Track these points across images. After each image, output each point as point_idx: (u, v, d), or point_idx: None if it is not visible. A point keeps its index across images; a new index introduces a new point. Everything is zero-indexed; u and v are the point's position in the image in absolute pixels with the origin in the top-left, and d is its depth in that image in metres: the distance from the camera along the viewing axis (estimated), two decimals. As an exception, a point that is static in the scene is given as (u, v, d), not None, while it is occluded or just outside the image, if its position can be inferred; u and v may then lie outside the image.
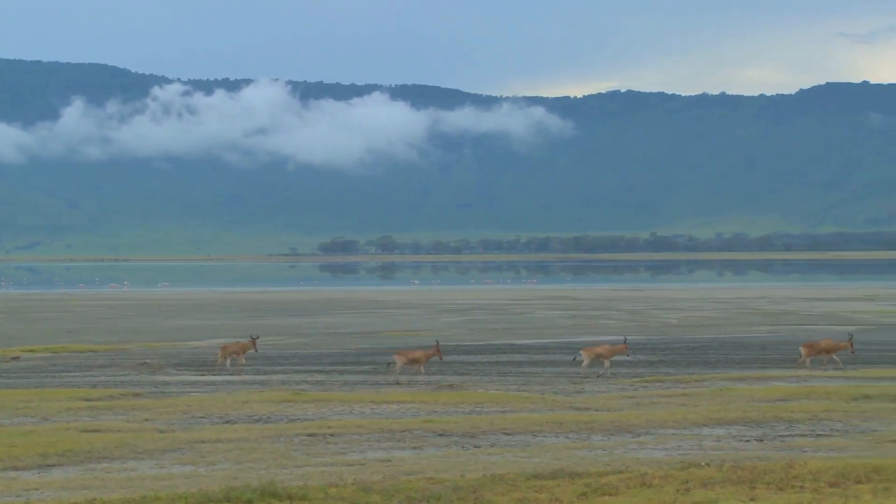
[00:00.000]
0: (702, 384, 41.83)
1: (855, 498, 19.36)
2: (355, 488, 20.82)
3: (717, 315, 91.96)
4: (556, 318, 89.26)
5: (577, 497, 19.95)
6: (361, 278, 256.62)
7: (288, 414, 34.27)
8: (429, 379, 45.16)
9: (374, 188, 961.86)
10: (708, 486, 20.46)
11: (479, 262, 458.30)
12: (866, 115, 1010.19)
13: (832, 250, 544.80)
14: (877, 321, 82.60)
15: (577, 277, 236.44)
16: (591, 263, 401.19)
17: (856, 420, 31.80)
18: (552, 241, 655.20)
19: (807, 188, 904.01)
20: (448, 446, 27.86)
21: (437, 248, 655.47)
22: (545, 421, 31.56)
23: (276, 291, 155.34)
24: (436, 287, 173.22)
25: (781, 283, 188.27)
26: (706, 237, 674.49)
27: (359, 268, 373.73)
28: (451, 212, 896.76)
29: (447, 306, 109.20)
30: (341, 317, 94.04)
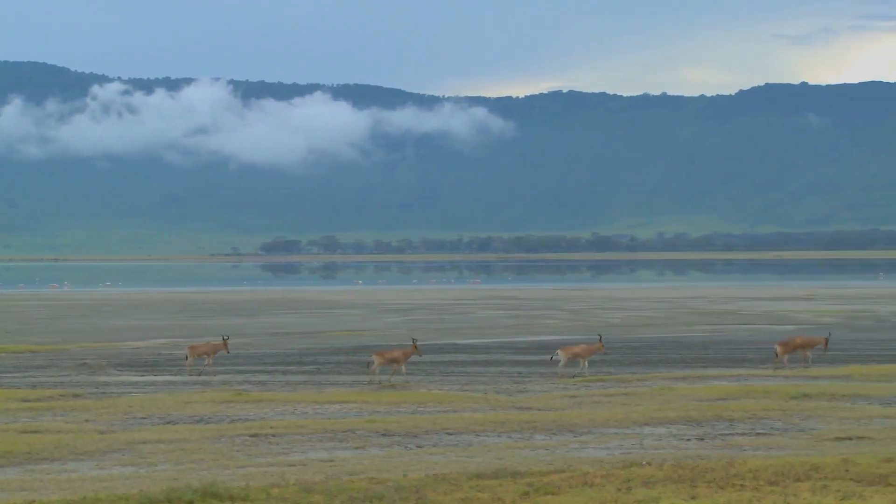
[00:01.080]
0: (643, 383, 42.04)
1: (794, 496, 19.51)
2: (297, 489, 20.76)
3: (658, 315, 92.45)
4: (499, 318, 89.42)
5: (519, 496, 19.99)
6: (304, 278, 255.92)
7: (230, 414, 34.14)
8: (371, 379, 45.14)
9: (316, 188, 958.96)
10: (649, 485, 20.56)
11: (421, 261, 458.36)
12: (805, 117, 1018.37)
13: (772, 250, 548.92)
14: (815, 321, 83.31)
15: (520, 277, 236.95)
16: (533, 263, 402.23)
17: (795, 419, 32.07)
18: (494, 241, 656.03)
19: (746, 188, 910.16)
20: (390, 446, 27.86)
21: (379, 248, 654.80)
22: (487, 420, 31.62)
23: (218, 291, 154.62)
24: (378, 287, 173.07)
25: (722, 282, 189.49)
26: (647, 237, 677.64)
27: (301, 268, 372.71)
28: (394, 212, 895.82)
29: (389, 306, 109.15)
30: (283, 317, 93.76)
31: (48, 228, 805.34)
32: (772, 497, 19.45)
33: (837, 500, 19.22)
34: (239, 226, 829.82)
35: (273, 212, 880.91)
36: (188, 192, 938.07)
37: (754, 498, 19.42)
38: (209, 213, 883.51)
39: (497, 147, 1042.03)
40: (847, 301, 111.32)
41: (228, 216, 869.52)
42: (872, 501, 19.05)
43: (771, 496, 19.51)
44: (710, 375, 44.75)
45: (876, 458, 23.09)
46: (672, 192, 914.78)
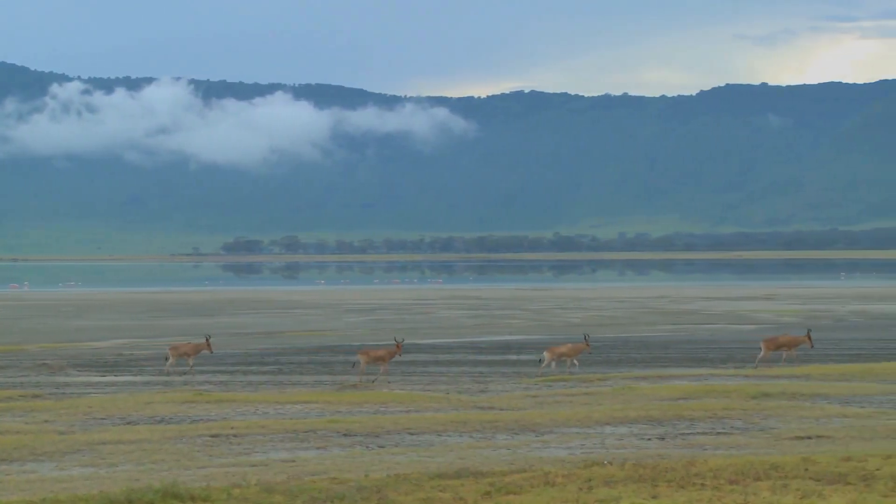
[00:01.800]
0: (604, 383, 42.14)
1: (754, 495, 19.59)
2: (259, 489, 20.70)
3: (619, 314, 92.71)
4: (461, 318, 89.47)
5: (481, 496, 20.00)
6: (265, 278, 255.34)
7: (191, 415, 34.03)
8: (333, 379, 45.08)
9: (277, 188, 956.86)
10: (610, 485, 20.60)
11: (383, 261, 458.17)
12: (765, 117, 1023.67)
13: (732, 250, 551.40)
14: (776, 320, 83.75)
15: (481, 277, 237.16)
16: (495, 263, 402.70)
17: (755, 418, 32.21)
18: (456, 241, 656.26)
19: (707, 189, 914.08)
20: (352, 446, 27.82)
21: (341, 248, 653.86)
22: (449, 420, 31.62)
23: (179, 291, 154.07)
24: (340, 287, 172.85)
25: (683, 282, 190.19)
26: (609, 237, 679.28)
27: (263, 268, 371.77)
28: (356, 212, 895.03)
29: (351, 306, 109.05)
30: (245, 317, 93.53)
31: (7, 228, 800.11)
32: (732, 496, 19.52)
33: (797, 498, 19.31)
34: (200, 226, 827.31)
35: (234, 212, 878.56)
36: (149, 191, 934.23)
37: (715, 497, 19.49)
38: (170, 212, 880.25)
39: (459, 147, 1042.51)
40: (807, 301, 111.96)
41: (189, 216, 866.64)
42: (832, 500, 19.16)
43: (731, 495, 19.58)
44: (671, 375, 44.91)
45: (835, 457, 23.22)
46: (633, 193, 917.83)
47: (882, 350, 55.92)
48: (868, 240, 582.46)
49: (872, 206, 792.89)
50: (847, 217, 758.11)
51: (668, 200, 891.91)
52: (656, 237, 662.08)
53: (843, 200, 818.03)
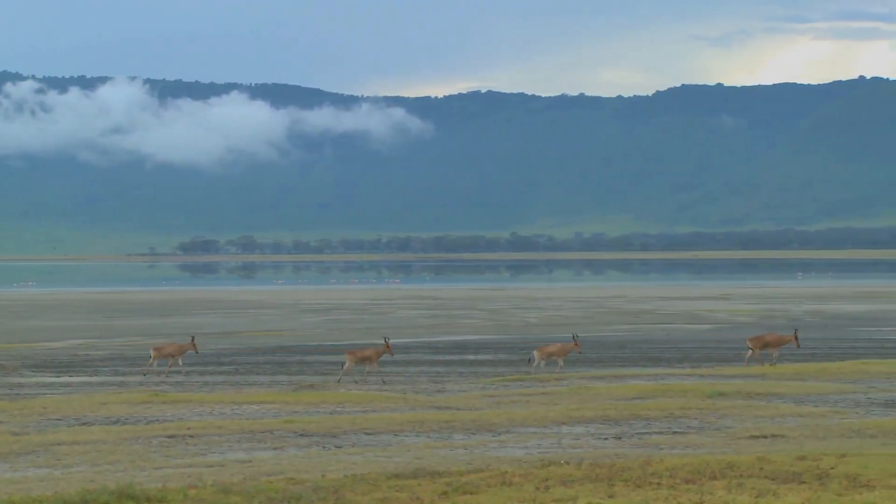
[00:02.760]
0: (561, 383, 42.23)
1: (710, 494, 19.68)
2: (215, 490, 20.63)
3: (576, 314, 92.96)
4: (418, 318, 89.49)
5: (438, 496, 20.01)
6: (222, 278, 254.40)
7: (146, 415, 33.88)
8: (290, 379, 44.98)
9: (234, 187, 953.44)
10: (567, 484, 20.65)
11: (340, 261, 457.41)
12: (720, 118, 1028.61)
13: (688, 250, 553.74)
14: (731, 320, 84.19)
15: (439, 277, 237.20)
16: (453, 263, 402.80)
17: (711, 417, 32.37)
18: (413, 241, 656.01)
19: (663, 189, 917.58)
20: (309, 446, 27.77)
21: (298, 248, 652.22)
22: (406, 420, 31.61)
23: (135, 291, 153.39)
24: (297, 287, 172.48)
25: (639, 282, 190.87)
26: (565, 237, 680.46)
27: (219, 267, 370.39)
28: (312, 211, 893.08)
29: (309, 306, 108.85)
30: (201, 317, 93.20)
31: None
32: (688, 495, 19.61)
33: (752, 497, 19.42)
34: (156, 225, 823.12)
35: (190, 211, 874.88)
36: (104, 191, 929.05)
37: (671, 496, 19.57)
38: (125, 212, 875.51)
39: (416, 147, 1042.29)
40: (762, 301, 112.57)
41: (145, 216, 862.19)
42: (786, 499, 19.27)
43: (687, 494, 19.67)
44: (627, 375, 45.06)
45: (790, 456, 23.36)
46: (589, 193, 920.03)
47: (836, 349, 56.32)
48: (822, 240, 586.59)
49: (827, 206, 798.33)
50: (802, 217, 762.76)
51: (625, 200, 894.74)
52: (612, 237, 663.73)
53: (798, 200, 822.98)
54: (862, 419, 31.74)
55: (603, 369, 47.68)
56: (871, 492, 19.71)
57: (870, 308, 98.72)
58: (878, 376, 43.10)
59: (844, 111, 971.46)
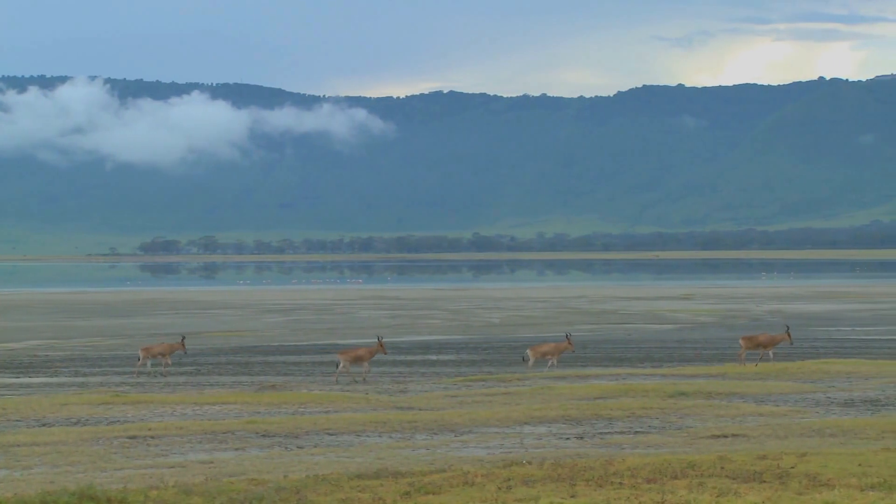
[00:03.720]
0: (523, 383, 42.28)
1: (671, 493, 19.74)
2: (176, 491, 20.55)
3: (538, 314, 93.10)
4: (380, 318, 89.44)
5: (400, 496, 19.99)
6: (183, 278, 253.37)
7: (107, 416, 33.71)
8: (252, 380, 44.87)
9: (195, 187, 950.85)
10: (529, 484, 20.67)
11: (302, 262, 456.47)
12: (681, 118, 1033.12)
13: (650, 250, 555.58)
14: (693, 320, 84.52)
15: (401, 277, 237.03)
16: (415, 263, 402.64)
17: (672, 417, 32.47)
18: (376, 241, 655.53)
19: (625, 189, 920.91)
20: (271, 447, 27.70)
21: (259, 248, 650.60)
22: (368, 421, 31.58)
23: (96, 292, 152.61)
24: (259, 287, 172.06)
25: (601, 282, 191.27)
26: (528, 237, 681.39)
27: (180, 268, 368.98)
28: (274, 211, 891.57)
29: (270, 306, 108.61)
30: (162, 317, 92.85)
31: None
32: (649, 494, 19.66)
33: (713, 496, 19.48)
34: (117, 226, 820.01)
35: (152, 211, 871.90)
36: (64, 191, 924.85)
37: (632, 495, 19.61)
38: (86, 212, 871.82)
39: (378, 147, 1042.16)
40: (723, 300, 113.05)
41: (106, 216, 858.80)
42: (747, 498, 19.35)
43: (649, 494, 19.72)
44: (589, 374, 45.14)
45: (750, 456, 23.46)
46: (552, 193, 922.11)
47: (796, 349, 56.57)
48: (782, 240, 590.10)
49: (787, 206, 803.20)
50: (762, 217, 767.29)
51: (587, 201, 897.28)
52: (575, 237, 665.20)
53: (758, 201, 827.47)
54: (822, 418, 31.92)
55: (565, 369, 47.75)
56: (831, 491, 19.82)
57: (829, 308, 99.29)
58: (838, 376, 43.35)
59: (804, 112, 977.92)
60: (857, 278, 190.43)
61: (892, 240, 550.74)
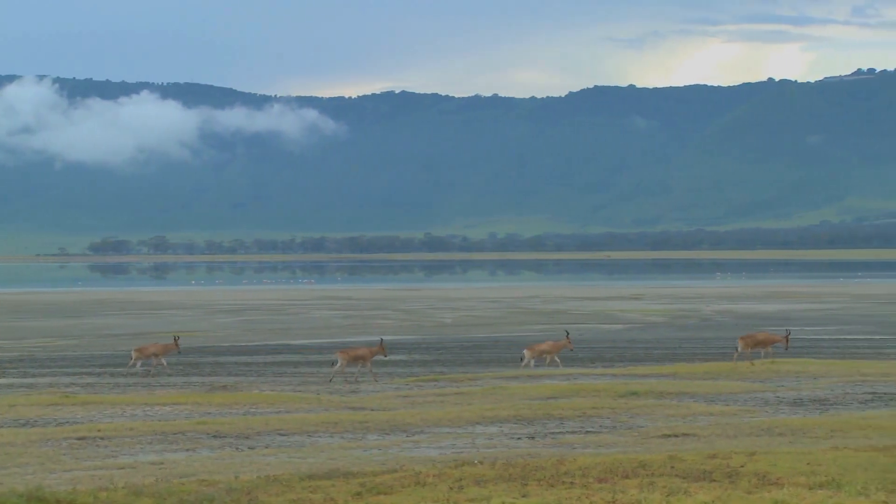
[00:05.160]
0: (475, 383, 42.32)
1: (622, 492, 19.82)
2: (126, 492, 20.44)
3: (490, 314, 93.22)
4: (332, 319, 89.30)
5: (351, 497, 19.97)
6: (134, 279, 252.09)
7: (56, 417, 33.48)
8: (202, 380, 44.69)
9: (145, 187, 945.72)
10: (481, 484, 20.70)
11: (254, 262, 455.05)
12: (632, 119, 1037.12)
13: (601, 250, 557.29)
14: (643, 320, 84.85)
15: (353, 277, 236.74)
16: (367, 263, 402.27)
17: (623, 416, 32.59)
18: (327, 242, 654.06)
19: (576, 189, 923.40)
20: (222, 448, 27.60)
21: (210, 248, 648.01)
22: (320, 421, 31.52)
23: (45, 292, 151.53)
24: (210, 287, 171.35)
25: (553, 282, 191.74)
26: (480, 237, 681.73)
27: (131, 268, 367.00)
28: (225, 211, 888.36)
29: (222, 307, 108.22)
30: (113, 318, 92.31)
31: None
32: (601, 494, 19.73)
33: (664, 495, 19.58)
34: (66, 226, 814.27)
35: (101, 211, 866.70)
36: (12, 191, 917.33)
37: (584, 495, 19.68)
38: (35, 212, 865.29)
39: (329, 147, 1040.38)
40: (673, 300, 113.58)
41: (55, 216, 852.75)
42: (697, 497, 19.45)
43: (600, 493, 19.79)
44: (541, 374, 45.22)
45: (701, 455, 23.58)
46: (504, 193, 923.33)
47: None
48: (733, 240, 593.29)
49: (737, 207, 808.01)
50: (712, 218, 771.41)
51: (538, 201, 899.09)
52: (526, 237, 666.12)
53: (709, 201, 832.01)
54: (771, 418, 32.13)
55: (517, 369, 47.82)
56: (780, 489, 19.96)
57: (779, 308, 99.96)
58: (787, 375, 43.66)
59: (754, 113, 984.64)
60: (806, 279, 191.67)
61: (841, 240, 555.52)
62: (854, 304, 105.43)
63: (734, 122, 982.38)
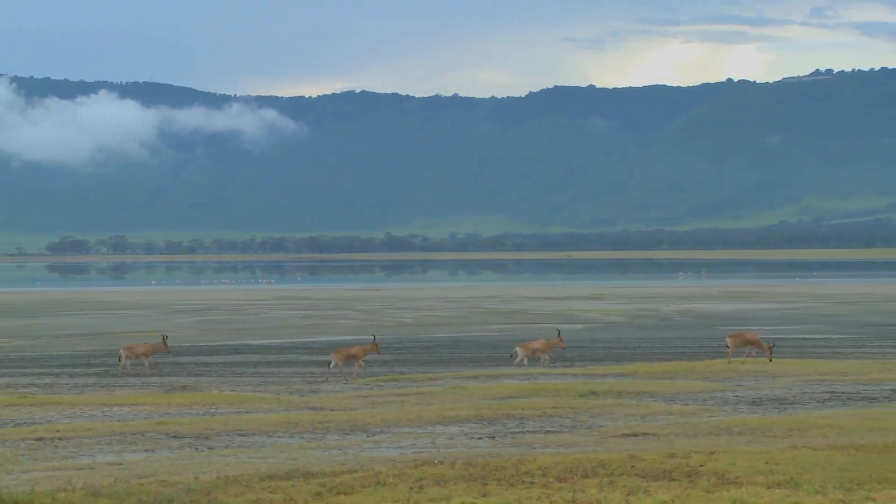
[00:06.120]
0: (435, 383, 42.33)
1: (582, 492, 19.87)
2: (84, 493, 20.35)
3: (450, 314, 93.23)
4: (292, 319, 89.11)
5: (311, 497, 19.95)
6: (92, 279, 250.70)
7: (14, 418, 33.29)
8: (162, 381, 44.52)
9: (104, 187, 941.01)
10: (441, 484, 20.72)
11: (213, 262, 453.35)
12: (591, 119, 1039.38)
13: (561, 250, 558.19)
14: (603, 319, 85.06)
15: (313, 277, 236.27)
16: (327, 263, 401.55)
17: (583, 416, 32.68)
18: (287, 241, 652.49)
19: (536, 189, 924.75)
20: (181, 448, 27.51)
21: (170, 248, 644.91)
22: (280, 421, 31.48)
23: (2, 292, 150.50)
24: (170, 287, 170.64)
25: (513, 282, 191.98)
26: (440, 237, 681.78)
27: (89, 268, 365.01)
28: (184, 211, 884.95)
29: (181, 307, 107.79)
30: (71, 318, 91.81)
31: None
32: (560, 493, 19.78)
33: (623, 495, 19.65)
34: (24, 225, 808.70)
35: (60, 211, 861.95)
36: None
37: (544, 494, 19.72)
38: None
39: (289, 147, 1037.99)
40: (633, 300, 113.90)
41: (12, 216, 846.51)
42: (657, 496, 19.53)
43: (560, 493, 19.84)
44: (501, 374, 45.28)
45: (660, 454, 23.68)
46: (464, 193, 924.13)
47: (705, 349, 57.13)
48: (692, 240, 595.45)
49: (695, 206, 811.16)
50: (671, 218, 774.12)
51: (498, 201, 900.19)
52: (486, 237, 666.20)
53: (668, 201, 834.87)
54: (730, 417, 32.30)
55: (477, 369, 47.88)
56: (739, 488, 20.07)
57: (737, 307, 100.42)
58: (746, 375, 43.89)
59: (713, 113, 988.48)
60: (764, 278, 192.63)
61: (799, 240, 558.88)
62: (812, 303, 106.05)
63: (693, 123, 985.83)
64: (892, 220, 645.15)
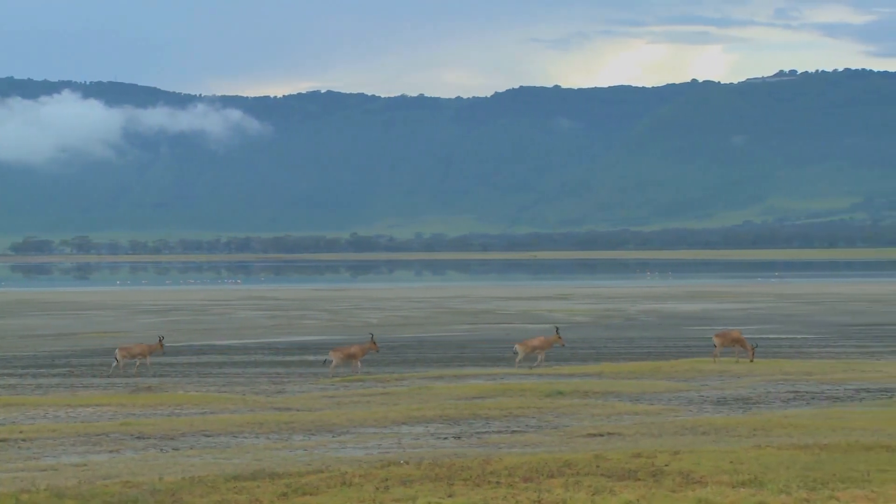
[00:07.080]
0: (401, 383, 42.34)
1: (547, 492, 19.90)
2: (48, 494, 20.26)
3: (416, 314, 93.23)
4: (258, 319, 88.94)
5: (277, 497, 19.92)
6: (56, 279, 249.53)
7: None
8: (126, 381, 44.36)
9: (68, 187, 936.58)
10: (407, 484, 20.72)
11: (178, 262, 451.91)
12: (557, 119, 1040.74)
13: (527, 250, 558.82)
14: (569, 319, 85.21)
15: (279, 278, 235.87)
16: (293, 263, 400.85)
17: (549, 416, 32.74)
18: (253, 242, 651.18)
19: (502, 190, 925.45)
20: (146, 449, 27.42)
21: (135, 249, 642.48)
22: (246, 422, 31.42)
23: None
24: (134, 288, 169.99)
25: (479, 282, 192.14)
26: (406, 237, 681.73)
27: (53, 268, 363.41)
28: (149, 211, 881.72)
29: (146, 307, 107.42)
30: (34, 318, 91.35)
31: None
32: (526, 493, 19.81)
33: (589, 494, 19.69)
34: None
35: (23, 211, 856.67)
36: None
37: (510, 494, 19.75)
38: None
39: (254, 147, 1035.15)
40: (599, 300, 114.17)
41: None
42: (622, 495, 19.58)
43: (525, 493, 19.86)
44: (467, 374, 45.33)
45: (626, 454, 23.74)
46: (430, 193, 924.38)
47: (670, 348, 57.34)
48: (657, 240, 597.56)
49: (661, 207, 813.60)
50: (637, 218, 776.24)
51: (464, 201, 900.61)
52: (452, 237, 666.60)
53: (633, 201, 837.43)
54: (695, 417, 32.41)
55: (443, 369, 47.91)
56: (704, 488, 20.14)
57: (703, 307, 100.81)
58: (711, 374, 44.07)
59: (678, 114, 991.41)
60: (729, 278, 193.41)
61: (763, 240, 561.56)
62: (776, 303, 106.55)
63: (658, 123, 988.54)
64: (855, 220, 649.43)
